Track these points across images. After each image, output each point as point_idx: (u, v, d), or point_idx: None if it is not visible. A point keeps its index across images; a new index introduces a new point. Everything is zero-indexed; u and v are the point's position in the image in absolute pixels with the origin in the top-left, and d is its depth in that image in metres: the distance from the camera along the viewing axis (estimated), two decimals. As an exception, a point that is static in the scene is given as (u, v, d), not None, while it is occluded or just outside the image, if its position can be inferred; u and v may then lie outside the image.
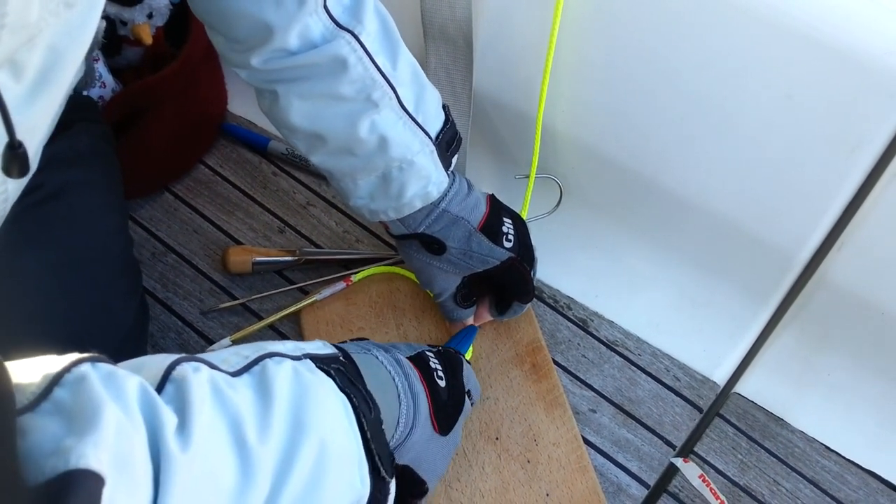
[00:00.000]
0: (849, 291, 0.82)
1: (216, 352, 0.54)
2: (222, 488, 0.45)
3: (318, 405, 0.52)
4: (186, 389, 0.46)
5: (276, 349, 0.55)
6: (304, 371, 0.54)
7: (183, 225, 0.98)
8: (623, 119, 0.85)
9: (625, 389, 0.90)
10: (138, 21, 0.96)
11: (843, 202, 0.77)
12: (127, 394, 0.42)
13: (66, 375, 0.40)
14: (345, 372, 0.57)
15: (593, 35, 0.81)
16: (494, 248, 0.78)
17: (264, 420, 0.49)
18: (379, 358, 0.65)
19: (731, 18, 0.72)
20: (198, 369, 0.48)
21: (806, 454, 0.88)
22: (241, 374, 0.52)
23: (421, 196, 0.75)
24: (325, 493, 0.51)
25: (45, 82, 0.49)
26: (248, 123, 1.08)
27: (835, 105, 0.72)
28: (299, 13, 0.65)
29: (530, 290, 0.83)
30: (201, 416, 0.45)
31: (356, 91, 0.69)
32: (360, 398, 0.56)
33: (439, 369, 0.69)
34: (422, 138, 0.73)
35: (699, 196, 0.85)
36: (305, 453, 0.50)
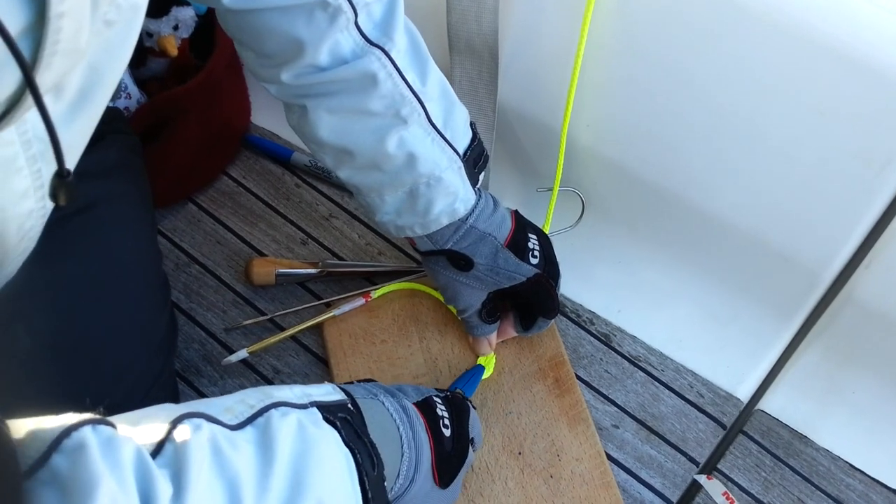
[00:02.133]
0: (875, 310, 0.82)
1: (221, 398, 0.54)
2: None
3: (320, 464, 0.52)
4: (185, 453, 0.46)
5: (282, 397, 0.55)
6: (309, 425, 0.54)
7: (206, 236, 0.99)
8: (648, 133, 0.85)
9: (648, 405, 0.89)
10: (164, 33, 0.97)
11: (872, 220, 0.76)
12: (123, 464, 0.42)
13: (66, 441, 0.41)
14: (351, 423, 0.57)
15: (620, 49, 0.81)
16: (521, 264, 0.78)
17: (263, 481, 0.49)
18: (385, 405, 0.64)
19: (761, 34, 0.72)
20: (199, 427, 0.48)
21: (831, 472, 0.87)
22: (244, 426, 0.52)
23: (448, 213, 0.74)
24: None
25: (85, 101, 0.49)
26: (272, 135, 1.08)
27: (865, 122, 0.71)
28: (330, 29, 0.66)
29: (555, 307, 0.83)
30: (198, 484, 0.45)
31: (385, 106, 0.69)
32: (365, 453, 0.57)
33: (446, 417, 0.68)
34: (450, 155, 0.73)
35: (724, 211, 0.85)
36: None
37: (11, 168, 0.46)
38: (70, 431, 0.41)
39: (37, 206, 0.51)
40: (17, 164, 0.47)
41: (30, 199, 0.50)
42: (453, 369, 0.87)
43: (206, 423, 0.49)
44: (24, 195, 0.49)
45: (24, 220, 0.51)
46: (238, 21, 0.68)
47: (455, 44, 0.87)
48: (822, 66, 0.71)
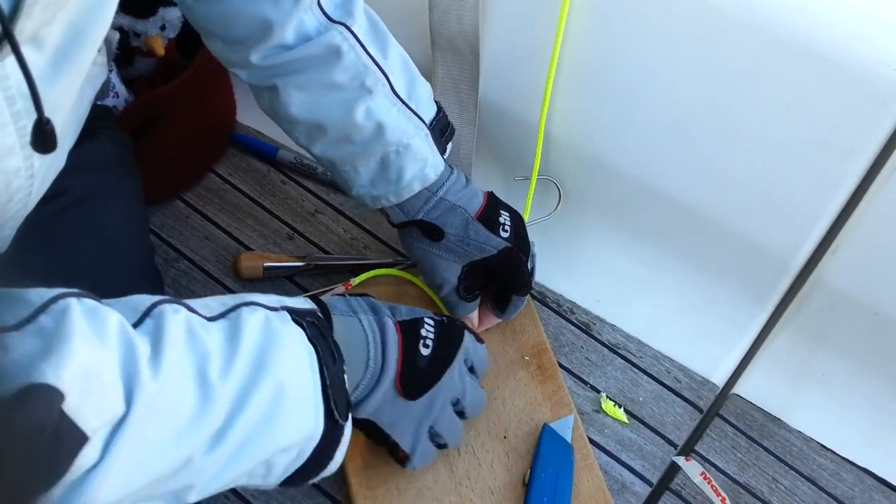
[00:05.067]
0: (843, 293, 0.85)
1: (202, 299, 0.60)
2: (181, 415, 0.51)
3: (282, 352, 0.58)
4: (163, 326, 0.52)
5: (255, 299, 0.61)
6: (276, 320, 0.60)
7: (194, 232, 1.01)
8: (624, 127, 0.88)
9: (627, 391, 0.92)
10: (151, 33, 0.99)
11: (838, 207, 0.80)
12: (106, 325, 0.48)
13: (53, 305, 0.46)
14: (317, 325, 0.63)
15: (595, 46, 0.84)
16: (491, 236, 0.81)
17: (228, 360, 0.55)
18: (361, 321, 0.68)
19: (730, 31, 0.75)
20: (177, 311, 0.54)
21: (803, 453, 0.90)
22: (217, 319, 0.58)
23: (419, 178, 0.78)
24: (278, 427, 0.57)
25: (66, 58, 0.52)
26: (257, 133, 1.10)
27: (829, 113, 0.75)
28: (295, 9, 0.71)
29: (527, 282, 0.85)
30: (173, 351, 0.52)
31: (350, 78, 0.74)
32: (326, 349, 0.62)
33: (430, 337, 0.72)
34: (416, 123, 0.77)
35: (698, 201, 0.88)
36: (262, 391, 0.56)
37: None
38: (58, 298, 0.47)
39: (24, 165, 0.53)
40: (1, 120, 0.49)
41: (16, 155, 0.52)
42: (439, 357, 0.89)
43: (184, 309, 0.55)
44: (10, 151, 0.51)
45: (12, 178, 0.53)
46: (206, 10, 0.72)
47: (437, 41, 0.90)
48: (788, 61, 0.74)
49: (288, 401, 0.58)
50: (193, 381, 0.53)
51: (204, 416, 0.52)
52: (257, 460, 0.57)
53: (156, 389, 0.49)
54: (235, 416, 0.54)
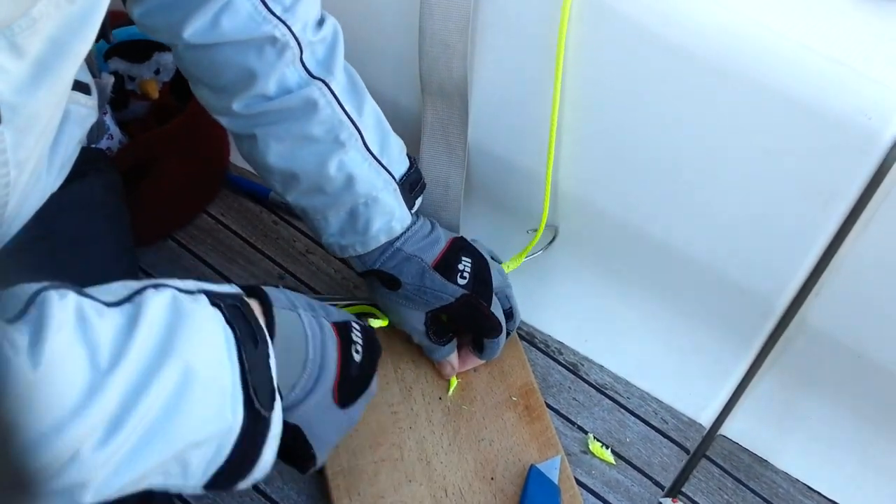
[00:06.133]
0: (827, 336, 0.86)
1: (107, 285, 0.56)
2: (64, 404, 0.47)
3: (191, 332, 0.53)
4: (46, 313, 0.48)
5: (168, 282, 0.57)
6: (185, 299, 0.55)
7: (186, 272, 1.02)
8: (613, 172, 0.89)
9: (615, 431, 0.93)
10: (146, 77, 1.01)
11: (819, 250, 0.81)
12: None
13: None
14: (240, 308, 0.58)
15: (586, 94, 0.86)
16: (447, 284, 0.82)
17: (123, 343, 0.50)
18: (301, 318, 0.65)
19: (714, 78, 0.77)
20: (64, 296, 0.50)
21: (790, 494, 0.91)
22: (120, 303, 0.53)
23: (385, 231, 0.81)
24: (187, 417, 0.52)
25: (46, 69, 0.52)
26: (251, 174, 1.12)
27: (810, 160, 0.76)
28: (278, 63, 0.75)
29: (494, 325, 0.85)
30: (57, 338, 0.48)
31: (325, 131, 0.77)
32: (247, 333, 0.57)
33: (359, 343, 0.70)
34: (385, 178, 0.80)
35: (685, 245, 0.89)
36: (166, 376, 0.51)
37: None
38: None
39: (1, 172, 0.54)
40: None
41: None
42: (427, 397, 0.90)
43: (73, 294, 0.51)
44: None
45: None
46: (196, 56, 0.76)
47: (427, 87, 0.92)
48: (770, 110, 0.76)
49: (197, 387, 0.52)
50: (80, 369, 0.49)
51: (90, 404, 0.48)
52: (166, 454, 0.52)
53: (33, 378, 0.46)
54: (132, 404, 0.50)
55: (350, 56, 0.82)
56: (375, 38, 0.95)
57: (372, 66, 0.82)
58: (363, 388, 0.70)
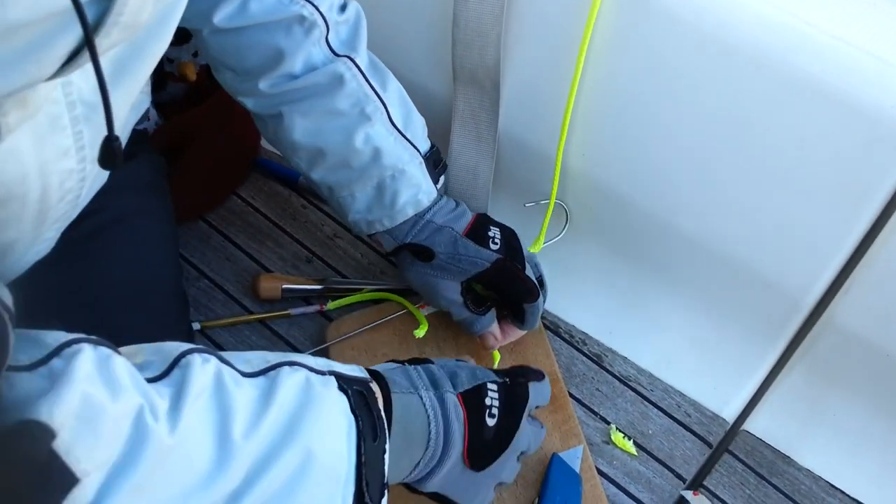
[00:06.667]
0: (855, 334, 0.86)
1: (245, 353, 0.59)
2: (195, 472, 0.50)
3: (318, 419, 0.56)
4: (188, 377, 0.51)
5: (301, 360, 0.59)
6: (317, 384, 0.58)
7: (216, 252, 1.03)
8: (640, 161, 0.89)
9: (637, 423, 0.93)
10: (184, 59, 1.02)
11: (851, 247, 0.81)
12: (117, 373, 0.48)
13: (67, 349, 0.47)
14: (365, 396, 0.60)
15: (614, 81, 0.86)
16: (481, 249, 0.82)
17: (256, 418, 0.53)
18: (423, 399, 0.66)
19: (747, 71, 0.77)
20: (207, 361, 0.53)
21: (812, 492, 0.90)
22: (255, 375, 0.56)
23: (413, 203, 0.82)
24: (299, 499, 0.54)
25: (123, 72, 0.54)
26: (281, 159, 1.13)
27: (843, 155, 0.76)
28: (305, 41, 0.76)
29: (530, 288, 0.85)
30: (195, 404, 0.51)
31: (351, 105, 0.78)
32: (368, 424, 0.59)
33: (495, 406, 0.69)
34: (411, 151, 0.82)
35: (713, 238, 0.89)
36: (288, 458, 0.53)
37: (56, 126, 0.51)
38: (72, 343, 0.47)
39: (77, 168, 0.55)
40: (61, 123, 0.52)
41: (71, 158, 0.54)
42: (451, 383, 0.90)
43: (216, 360, 0.54)
44: (65, 153, 0.53)
45: (65, 179, 0.55)
46: (222, 40, 0.77)
47: (459, 74, 0.92)
48: (803, 103, 0.75)
49: (316, 472, 0.55)
50: (212, 437, 0.51)
51: (219, 475, 0.51)
52: None
53: (170, 443, 0.49)
54: (255, 479, 0.52)
55: (382, 43, 0.83)
56: (407, 25, 0.95)
57: (403, 53, 0.83)
58: (501, 448, 0.70)
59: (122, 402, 0.47)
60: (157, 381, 0.51)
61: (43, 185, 0.54)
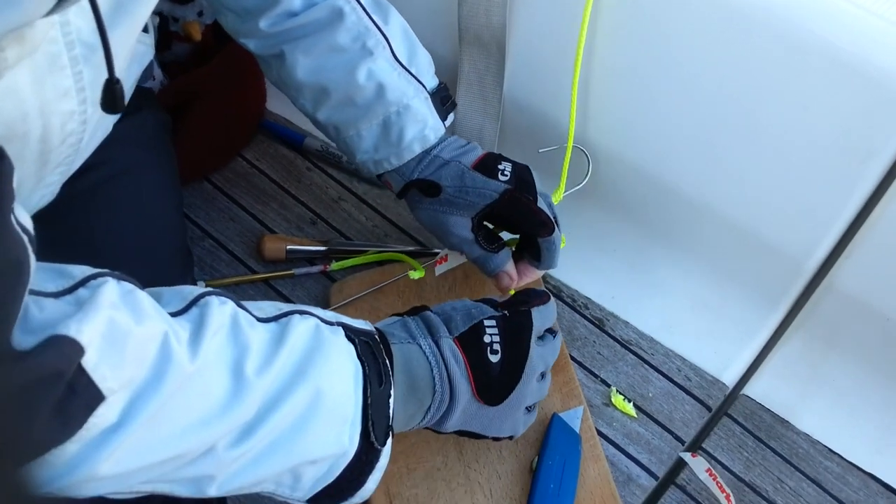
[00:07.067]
0: (856, 298, 0.86)
1: (258, 301, 0.61)
2: (211, 401, 0.53)
3: (328, 360, 0.59)
4: (207, 314, 0.54)
5: (312, 310, 0.62)
6: (326, 331, 0.61)
7: (220, 213, 1.03)
8: (646, 126, 0.89)
9: (637, 386, 0.93)
10: (189, 18, 1.02)
11: (853, 212, 0.81)
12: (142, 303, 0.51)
13: (93, 280, 0.49)
14: (370, 345, 0.63)
15: (619, 47, 0.85)
16: (489, 181, 0.79)
17: (269, 357, 0.56)
18: (423, 348, 0.67)
19: (751, 33, 0.77)
20: (224, 303, 0.56)
21: (810, 455, 0.91)
22: (268, 321, 0.59)
23: (420, 140, 0.80)
24: (309, 436, 0.57)
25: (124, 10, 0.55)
26: (286, 121, 1.13)
27: (847, 118, 0.76)
28: None
29: (542, 221, 0.80)
30: (213, 339, 0.53)
31: (352, 39, 0.77)
32: (374, 370, 0.62)
33: (495, 343, 0.69)
34: (416, 86, 0.79)
35: (715, 203, 0.89)
36: (298, 396, 0.56)
37: (55, 65, 0.52)
38: (98, 276, 0.50)
39: (78, 109, 0.56)
40: (60, 62, 0.52)
41: (71, 99, 0.55)
42: (453, 344, 0.91)
43: (231, 303, 0.57)
44: (65, 94, 0.54)
45: (66, 121, 0.56)
46: None
47: (464, 36, 0.92)
48: (807, 65, 0.75)
49: (324, 410, 0.57)
50: (228, 370, 0.54)
51: (234, 407, 0.53)
52: (284, 466, 0.57)
53: (191, 370, 0.51)
54: (267, 414, 0.55)
55: (388, 5, 0.83)
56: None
57: (408, 14, 0.82)
58: (513, 381, 0.69)
59: (148, 326, 0.50)
60: (177, 317, 0.54)
61: (44, 126, 0.54)
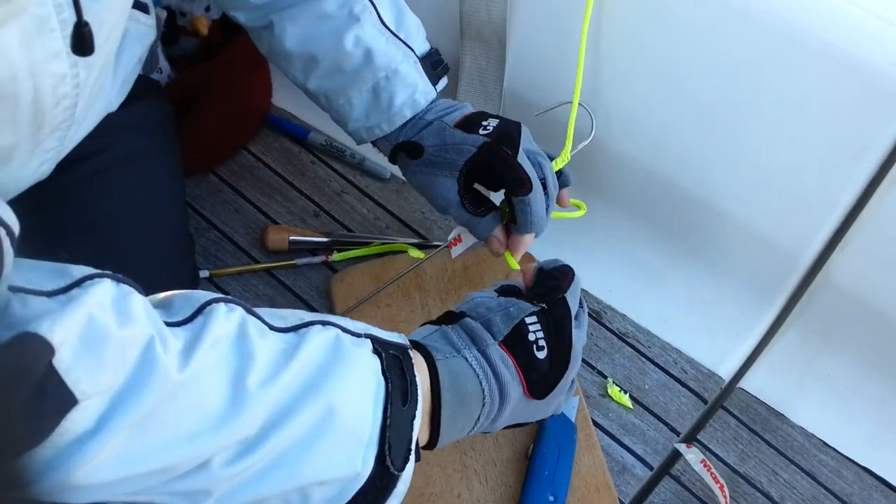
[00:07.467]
0: (850, 292, 0.87)
1: (282, 310, 0.58)
2: (204, 414, 0.49)
3: (344, 375, 0.54)
4: (209, 323, 0.51)
5: (339, 322, 0.58)
6: (348, 343, 0.56)
7: (225, 205, 1.05)
8: (644, 123, 0.91)
9: (634, 378, 0.94)
10: (196, 13, 1.04)
11: (846, 206, 0.82)
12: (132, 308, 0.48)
13: (89, 281, 0.47)
14: (400, 360, 0.59)
15: (619, 41, 0.87)
16: (467, 136, 0.76)
17: (276, 370, 0.52)
18: (468, 360, 0.63)
19: (747, 31, 0.78)
20: (232, 310, 0.53)
21: (804, 448, 0.92)
22: (287, 331, 0.55)
23: (410, 104, 0.79)
24: (318, 456, 0.53)
25: None
26: (291, 116, 1.15)
27: (840, 112, 0.77)
28: None
29: (520, 177, 0.74)
30: (212, 349, 0.50)
31: (338, 6, 0.77)
32: (399, 388, 0.57)
33: (540, 339, 0.66)
34: (405, 51, 0.79)
35: (712, 198, 0.90)
36: (308, 412, 0.52)
37: (45, 27, 0.52)
38: (96, 276, 0.47)
39: (70, 72, 0.56)
40: (49, 25, 0.52)
41: (62, 61, 0.55)
42: (452, 334, 0.92)
43: (242, 311, 0.54)
44: (56, 56, 0.54)
45: (58, 83, 0.56)
46: None
47: (466, 31, 0.93)
48: (802, 62, 0.76)
49: (336, 429, 0.53)
50: (228, 382, 0.51)
51: (231, 420, 0.50)
52: (290, 486, 0.54)
53: (179, 380, 0.48)
54: (272, 430, 0.52)
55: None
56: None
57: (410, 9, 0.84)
58: (561, 371, 0.66)
59: (131, 330, 0.47)
60: (180, 326, 0.51)
61: (35, 87, 0.54)
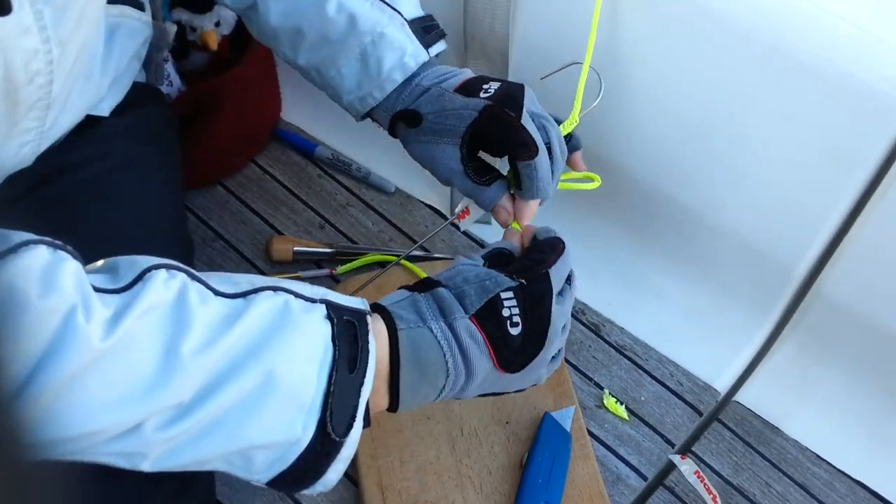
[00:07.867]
0: (843, 306, 0.88)
1: (238, 274, 0.57)
2: (134, 380, 0.49)
3: (287, 342, 0.54)
4: (144, 291, 0.51)
5: (289, 286, 0.57)
6: (296, 309, 0.55)
7: (232, 216, 1.07)
8: (643, 138, 0.92)
9: (630, 390, 0.96)
10: (207, 28, 1.07)
11: (839, 219, 0.83)
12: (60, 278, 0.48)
13: (24, 248, 0.47)
14: (355, 325, 0.57)
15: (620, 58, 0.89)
16: (468, 100, 0.72)
17: (214, 338, 0.51)
18: (433, 331, 0.61)
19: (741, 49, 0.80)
20: (173, 277, 0.53)
21: (798, 461, 0.93)
22: (232, 297, 0.54)
23: (399, 68, 0.76)
24: (256, 421, 0.53)
25: None
26: (299, 130, 1.17)
27: (832, 127, 0.78)
28: None
29: (524, 140, 0.70)
30: (143, 317, 0.50)
31: None
32: (348, 354, 0.56)
33: (515, 315, 0.63)
34: (390, 13, 0.77)
35: (709, 212, 0.92)
36: (246, 379, 0.52)
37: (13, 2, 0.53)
38: (31, 243, 0.47)
39: (42, 48, 0.57)
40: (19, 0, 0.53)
41: (34, 37, 0.56)
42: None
43: (185, 277, 0.53)
44: (26, 31, 0.55)
45: (30, 59, 0.57)
46: None
47: (470, 47, 0.96)
48: (793, 77, 0.78)
49: (277, 395, 0.53)
50: (158, 350, 0.50)
51: (161, 387, 0.50)
52: (228, 449, 0.54)
53: (101, 348, 0.48)
54: (207, 396, 0.51)
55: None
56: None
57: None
58: (536, 347, 0.64)
59: (52, 300, 0.47)
60: (118, 293, 0.51)
61: (5, 62, 0.55)
